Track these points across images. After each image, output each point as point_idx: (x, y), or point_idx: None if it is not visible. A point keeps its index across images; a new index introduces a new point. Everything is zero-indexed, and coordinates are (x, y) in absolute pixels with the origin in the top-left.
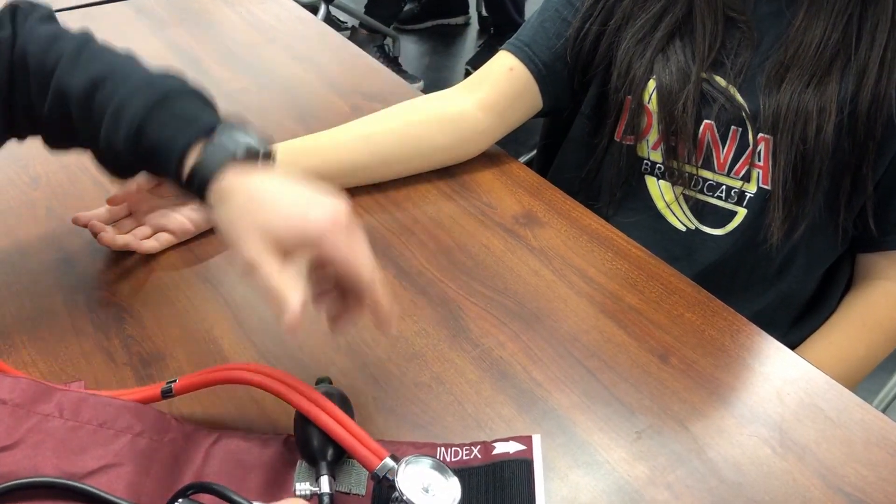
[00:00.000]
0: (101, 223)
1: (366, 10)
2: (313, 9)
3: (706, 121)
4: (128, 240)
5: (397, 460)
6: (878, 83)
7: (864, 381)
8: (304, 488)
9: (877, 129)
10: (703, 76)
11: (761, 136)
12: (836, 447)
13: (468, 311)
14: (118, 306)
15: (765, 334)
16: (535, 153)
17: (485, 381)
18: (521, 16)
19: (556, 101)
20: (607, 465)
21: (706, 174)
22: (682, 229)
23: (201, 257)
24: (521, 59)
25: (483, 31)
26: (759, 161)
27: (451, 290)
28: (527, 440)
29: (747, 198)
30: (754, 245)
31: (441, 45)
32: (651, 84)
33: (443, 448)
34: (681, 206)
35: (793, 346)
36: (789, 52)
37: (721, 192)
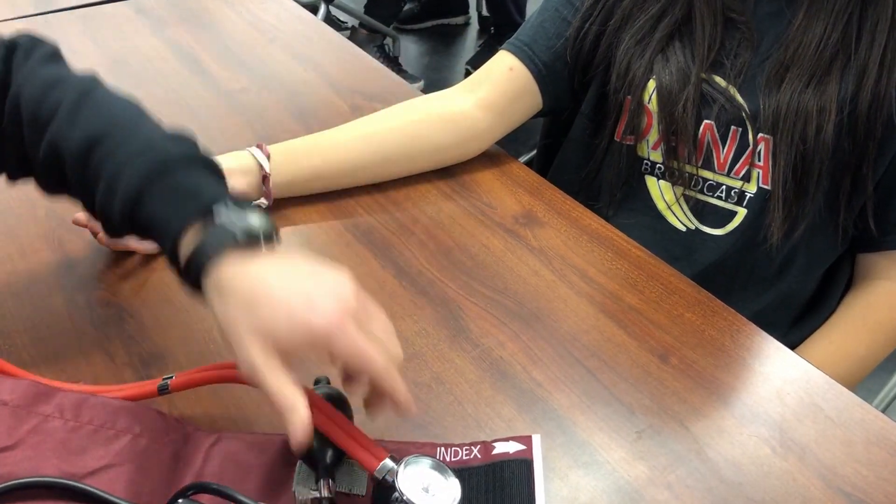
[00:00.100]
0: None
1: (366, 10)
2: (313, 9)
3: (706, 121)
4: (128, 240)
5: (397, 461)
6: (878, 83)
7: (864, 381)
8: (304, 492)
9: (877, 128)
10: (703, 76)
11: (761, 136)
12: (836, 447)
13: (468, 311)
14: (118, 306)
15: (765, 334)
16: (535, 153)
17: (485, 381)
18: (522, 16)
19: (556, 100)
20: (607, 465)
21: (706, 174)
22: (683, 229)
23: None
24: (521, 59)
25: (483, 30)
26: (759, 161)
27: (451, 290)
28: (526, 440)
29: (747, 198)
30: (754, 245)
31: (441, 44)
32: (651, 84)
33: (442, 448)
34: (681, 207)
35: (793, 346)
36: (789, 51)
37: (721, 192)
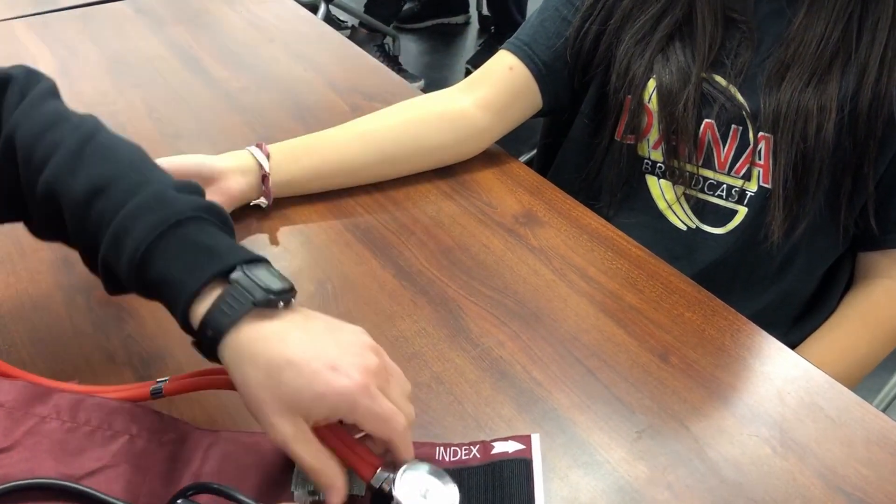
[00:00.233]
0: None
1: (366, 10)
2: (313, 8)
3: (707, 120)
4: None
5: (393, 468)
6: (879, 81)
7: (864, 381)
8: (303, 496)
9: (877, 127)
10: (704, 76)
11: (762, 134)
12: (836, 447)
13: (468, 311)
14: (118, 306)
15: (765, 334)
16: (535, 152)
17: (485, 381)
18: (523, 15)
19: (556, 100)
20: (607, 464)
21: (707, 173)
22: (683, 228)
23: None
24: (521, 59)
25: (483, 30)
26: (759, 160)
27: (451, 290)
28: (526, 439)
29: (748, 197)
30: (755, 244)
31: (441, 44)
32: (651, 84)
33: (441, 448)
34: (681, 206)
35: (793, 346)
36: (790, 50)
37: (722, 191)
